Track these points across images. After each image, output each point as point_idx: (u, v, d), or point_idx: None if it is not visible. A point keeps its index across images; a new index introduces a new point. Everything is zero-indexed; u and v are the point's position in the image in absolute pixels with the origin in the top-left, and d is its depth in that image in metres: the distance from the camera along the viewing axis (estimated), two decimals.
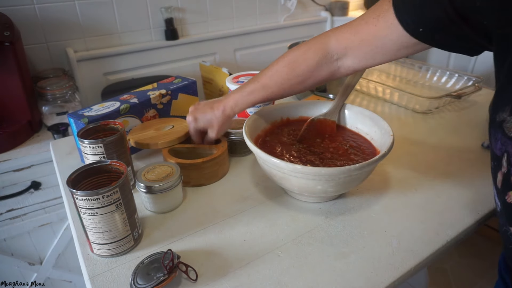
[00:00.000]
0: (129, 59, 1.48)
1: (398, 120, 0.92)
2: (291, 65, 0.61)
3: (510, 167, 0.41)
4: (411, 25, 0.48)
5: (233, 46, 1.75)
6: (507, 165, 0.41)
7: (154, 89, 0.81)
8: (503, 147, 0.41)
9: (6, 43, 1.02)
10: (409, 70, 1.20)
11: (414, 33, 0.49)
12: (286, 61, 0.62)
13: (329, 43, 0.58)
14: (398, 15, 0.49)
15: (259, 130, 0.69)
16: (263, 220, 0.58)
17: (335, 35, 0.58)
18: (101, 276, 0.49)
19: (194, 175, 0.66)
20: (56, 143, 0.84)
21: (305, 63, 0.60)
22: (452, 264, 1.53)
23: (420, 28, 0.48)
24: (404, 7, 0.48)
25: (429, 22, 0.46)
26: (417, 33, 0.48)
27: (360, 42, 0.55)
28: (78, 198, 0.46)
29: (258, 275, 0.48)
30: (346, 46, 0.57)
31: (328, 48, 0.58)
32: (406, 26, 0.49)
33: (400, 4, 0.49)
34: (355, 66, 0.59)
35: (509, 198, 0.42)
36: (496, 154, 0.43)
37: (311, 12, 1.97)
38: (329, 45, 0.58)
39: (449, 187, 0.65)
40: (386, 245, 0.53)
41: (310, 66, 0.60)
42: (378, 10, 0.52)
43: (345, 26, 0.57)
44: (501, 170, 0.42)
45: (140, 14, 1.47)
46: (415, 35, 0.49)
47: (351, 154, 0.63)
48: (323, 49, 0.59)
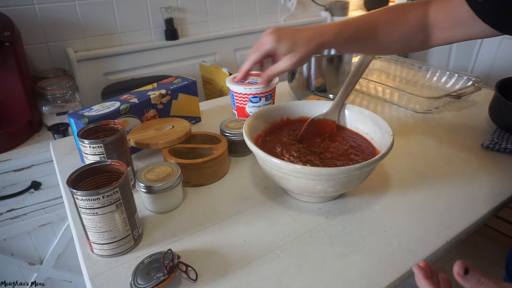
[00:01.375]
0: (129, 59, 1.48)
1: (398, 120, 0.92)
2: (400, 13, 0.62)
3: None
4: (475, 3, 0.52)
5: (233, 46, 1.75)
6: None
7: (154, 89, 0.81)
8: None
9: (6, 43, 1.02)
10: (409, 70, 1.20)
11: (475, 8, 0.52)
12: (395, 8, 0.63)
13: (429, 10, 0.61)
14: None
15: (259, 130, 0.69)
16: (263, 220, 0.58)
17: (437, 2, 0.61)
18: (101, 276, 0.49)
19: (194, 175, 0.66)
20: (56, 143, 0.84)
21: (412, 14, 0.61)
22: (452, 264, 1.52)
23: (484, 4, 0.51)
24: None
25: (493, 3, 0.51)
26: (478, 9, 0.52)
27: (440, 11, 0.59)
28: (78, 198, 0.46)
29: (258, 275, 0.48)
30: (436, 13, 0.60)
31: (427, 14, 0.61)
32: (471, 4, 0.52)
33: None
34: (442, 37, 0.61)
35: None
36: None
37: (311, 12, 1.97)
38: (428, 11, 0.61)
39: (449, 187, 0.65)
40: (386, 245, 0.53)
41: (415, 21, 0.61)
42: None
43: None
44: None
45: (140, 14, 1.47)
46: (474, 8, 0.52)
47: (351, 154, 0.63)
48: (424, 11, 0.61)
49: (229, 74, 1.39)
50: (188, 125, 0.74)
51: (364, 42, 0.60)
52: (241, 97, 0.84)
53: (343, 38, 0.58)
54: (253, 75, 0.89)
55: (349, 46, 0.60)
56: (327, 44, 0.58)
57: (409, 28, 0.61)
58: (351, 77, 0.72)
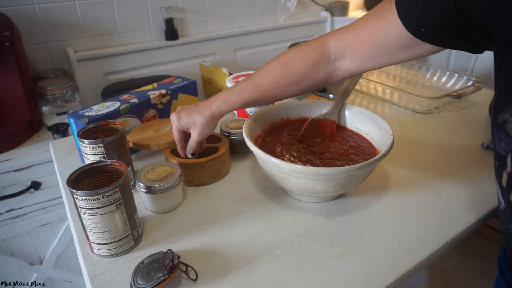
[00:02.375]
0: (129, 59, 1.48)
1: (398, 120, 0.92)
2: (286, 63, 0.59)
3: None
4: (414, 26, 0.48)
5: (233, 46, 1.75)
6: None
7: (154, 89, 0.81)
8: (507, 147, 0.41)
9: (6, 43, 1.02)
10: (409, 70, 1.20)
11: (416, 33, 0.48)
12: (282, 59, 0.60)
13: (328, 42, 0.57)
14: (400, 15, 0.49)
15: (259, 130, 0.69)
16: (263, 220, 0.58)
17: (334, 35, 0.57)
18: (101, 276, 0.49)
19: (197, 175, 0.66)
20: (56, 143, 0.84)
21: (301, 62, 0.58)
22: (452, 264, 1.53)
23: (422, 28, 0.48)
24: (407, 7, 0.48)
25: (432, 22, 0.46)
26: (419, 33, 0.48)
27: (359, 42, 0.54)
28: (78, 198, 0.46)
29: (258, 275, 0.48)
30: (345, 46, 0.56)
31: (326, 48, 0.57)
32: (408, 26, 0.48)
33: (403, 5, 0.49)
34: (352, 68, 0.57)
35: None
36: (500, 154, 0.43)
37: (311, 12, 1.97)
38: (327, 44, 0.57)
39: (449, 187, 0.65)
40: (386, 245, 0.53)
41: (306, 65, 0.58)
42: (378, 10, 0.52)
43: (345, 27, 0.57)
44: (506, 169, 0.42)
45: (140, 14, 1.47)
46: (417, 35, 0.48)
47: (351, 154, 0.63)
48: (321, 48, 0.57)
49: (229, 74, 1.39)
50: None
51: (255, 102, 0.62)
52: None
53: (230, 104, 0.61)
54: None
55: (244, 106, 0.62)
56: (217, 113, 0.61)
57: (298, 78, 0.59)
58: (351, 78, 0.72)
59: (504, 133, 0.41)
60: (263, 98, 0.61)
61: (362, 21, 0.54)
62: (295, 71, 0.59)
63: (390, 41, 0.51)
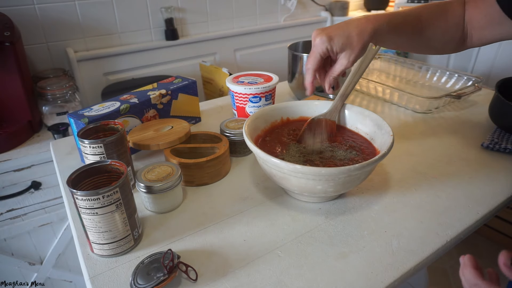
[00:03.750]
0: (129, 59, 1.48)
1: (398, 120, 0.92)
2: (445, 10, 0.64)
3: None
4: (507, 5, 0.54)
5: (233, 46, 1.75)
6: None
7: (154, 89, 0.81)
8: None
9: (6, 43, 1.02)
10: (409, 70, 1.20)
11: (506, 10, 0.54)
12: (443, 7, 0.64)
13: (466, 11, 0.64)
14: None
15: (259, 130, 0.69)
16: (263, 220, 0.58)
17: None
18: (101, 276, 0.49)
19: (198, 174, 0.66)
20: (56, 143, 0.84)
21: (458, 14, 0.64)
22: (452, 264, 1.53)
23: None
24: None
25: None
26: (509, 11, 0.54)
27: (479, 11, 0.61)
28: (78, 198, 0.46)
29: (258, 275, 0.48)
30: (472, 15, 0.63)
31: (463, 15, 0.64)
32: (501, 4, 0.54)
33: None
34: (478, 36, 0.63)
35: None
36: None
37: (311, 12, 1.97)
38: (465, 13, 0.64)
39: (449, 187, 0.65)
40: (386, 245, 0.53)
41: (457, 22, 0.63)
42: None
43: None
44: None
45: (140, 14, 1.47)
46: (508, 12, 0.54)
47: (351, 154, 0.63)
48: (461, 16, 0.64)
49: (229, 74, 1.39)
50: (188, 125, 0.74)
51: (410, 34, 0.60)
52: (241, 97, 0.84)
53: (393, 26, 0.57)
54: (253, 75, 0.89)
55: (396, 37, 0.59)
56: (379, 32, 0.56)
57: (450, 25, 0.63)
58: (351, 77, 0.72)
59: None
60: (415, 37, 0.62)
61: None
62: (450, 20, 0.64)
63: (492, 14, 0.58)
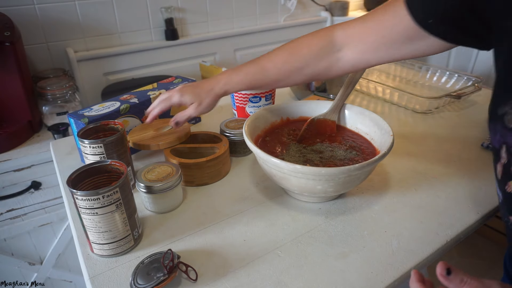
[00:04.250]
0: (129, 59, 1.48)
1: (398, 120, 0.92)
2: (293, 49, 0.60)
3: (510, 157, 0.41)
4: (421, 15, 0.49)
5: (233, 46, 1.75)
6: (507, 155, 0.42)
7: (154, 89, 0.81)
8: (502, 139, 0.42)
9: (6, 43, 1.02)
10: (409, 70, 1.20)
11: (423, 24, 0.49)
12: (289, 45, 0.61)
13: (335, 31, 0.58)
14: (409, 6, 0.49)
15: (259, 130, 0.69)
16: (263, 220, 0.58)
17: (342, 25, 0.58)
18: (101, 276, 0.49)
19: (198, 175, 0.66)
20: (56, 143, 0.84)
21: (307, 48, 0.59)
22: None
23: (429, 19, 0.48)
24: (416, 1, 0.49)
25: (439, 12, 0.47)
26: (426, 24, 0.49)
27: (365, 30, 0.55)
28: (78, 198, 0.46)
29: (258, 275, 0.48)
30: (351, 34, 0.56)
31: (333, 36, 0.58)
32: (415, 17, 0.49)
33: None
34: (354, 59, 0.57)
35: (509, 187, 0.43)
36: (495, 147, 0.44)
37: (311, 12, 1.97)
38: (335, 33, 0.58)
39: (449, 187, 0.65)
40: (386, 245, 0.53)
41: (311, 52, 0.59)
42: (386, 4, 0.53)
43: (355, 19, 0.58)
44: (501, 161, 0.43)
45: (140, 14, 1.47)
46: (424, 25, 0.49)
47: (351, 154, 0.63)
48: (328, 36, 0.58)
49: None
50: (188, 125, 0.74)
51: (258, 86, 0.63)
52: (241, 97, 0.84)
53: (234, 85, 0.63)
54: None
55: (247, 88, 0.63)
56: (221, 93, 0.63)
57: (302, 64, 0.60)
58: (351, 77, 0.72)
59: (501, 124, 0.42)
60: (266, 82, 0.62)
61: (370, 13, 0.55)
62: (300, 57, 0.60)
63: (396, 32, 0.52)
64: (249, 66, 0.62)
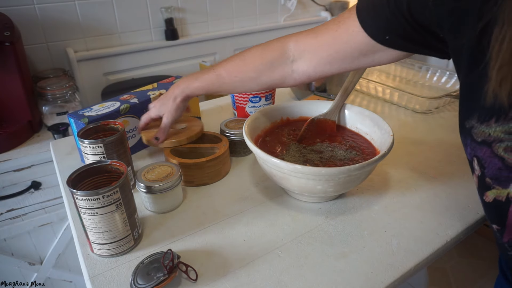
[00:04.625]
0: (129, 59, 1.48)
1: (398, 120, 0.92)
2: (246, 59, 0.61)
3: (482, 169, 0.42)
4: (376, 33, 0.48)
5: (233, 46, 1.75)
6: (479, 167, 0.42)
7: (154, 89, 0.81)
8: (472, 152, 0.42)
9: (6, 43, 1.02)
10: (409, 70, 1.20)
11: (379, 39, 0.49)
12: (243, 55, 0.62)
13: (288, 43, 0.58)
14: (363, 24, 0.49)
15: (259, 130, 0.69)
16: (263, 220, 0.58)
17: (295, 37, 0.57)
18: (101, 276, 0.49)
19: (198, 175, 0.66)
20: (56, 143, 0.84)
21: (260, 59, 0.59)
22: (452, 264, 1.53)
23: (386, 36, 0.48)
24: (368, 16, 0.49)
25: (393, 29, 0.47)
26: (384, 40, 0.49)
27: (318, 46, 0.54)
28: (78, 198, 0.46)
29: (258, 275, 0.48)
30: (304, 49, 0.56)
31: (286, 48, 0.58)
32: (371, 34, 0.49)
33: (364, 13, 0.49)
34: (309, 72, 0.57)
35: (486, 197, 0.43)
36: (468, 159, 0.45)
37: (311, 12, 1.97)
38: (287, 45, 0.58)
39: (449, 187, 0.65)
40: (386, 245, 0.53)
41: (264, 63, 0.59)
42: (339, 17, 0.53)
43: (306, 31, 0.57)
44: (475, 173, 0.44)
45: (140, 14, 1.47)
46: (381, 41, 0.49)
47: (351, 154, 0.63)
48: (281, 48, 0.58)
49: None
50: (200, 124, 0.74)
51: (215, 91, 0.65)
52: (241, 97, 0.84)
53: (193, 90, 0.65)
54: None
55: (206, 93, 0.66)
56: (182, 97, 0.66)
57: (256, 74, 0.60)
58: (351, 77, 0.72)
59: (470, 138, 0.42)
60: (223, 88, 0.64)
61: (323, 27, 0.55)
62: (253, 67, 0.60)
63: (350, 47, 0.51)
64: (206, 73, 0.64)
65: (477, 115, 0.40)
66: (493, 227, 0.47)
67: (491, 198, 0.43)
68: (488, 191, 0.43)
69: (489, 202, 0.43)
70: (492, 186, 0.42)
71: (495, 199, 0.42)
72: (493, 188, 0.42)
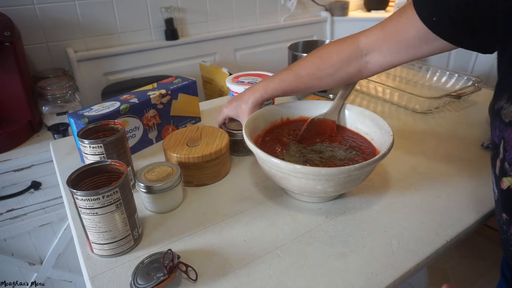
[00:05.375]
0: (129, 59, 1.48)
1: (398, 120, 0.92)
2: (323, 56, 0.65)
3: (505, 153, 0.43)
4: (429, 18, 0.51)
5: (233, 46, 1.75)
6: (503, 151, 0.43)
7: (154, 89, 0.81)
8: (500, 134, 0.43)
9: (6, 43, 1.02)
10: (409, 70, 1.20)
11: (431, 25, 0.51)
12: (320, 52, 0.65)
13: (359, 38, 0.62)
14: (417, 9, 0.52)
15: (259, 130, 0.69)
16: (263, 220, 0.58)
17: (365, 32, 0.62)
18: (101, 276, 0.49)
19: (197, 175, 0.66)
20: (56, 143, 0.84)
21: (337, 54, 0.63)
22: (452, 264, 1.53)
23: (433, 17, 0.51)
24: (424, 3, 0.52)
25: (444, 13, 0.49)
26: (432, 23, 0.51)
27: (385, 37, 0.59)
28: (78, 198, 0.46)
29: (258, 275, 0.48)
30: (374, 40, 0.60)
31: (359, 43, 0.62)
32: (424, 19, 0.52)
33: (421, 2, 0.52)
34: (381, 62, 0.61)
35: (502, 184, 0.44)
36: (495, 142, 0.46)
37: (311, 12, 1.97)
38: (359, 39, 0.62)
39: (449, 187, 0.65)
40: (386, 245, 0.53)
41: (341, 58, 0.63)
42: (401, 8, 0.56)
43: (374, 26, 0.62)
44: (499, 157, 0.45)
45: (140, 14, 1.47)
46: (431, 25, 0.51)
47: (351, 154, 0.63)
48: (354, 43, 0.62)
49: (229, 74, 1.39)
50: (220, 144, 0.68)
51: (293, 91, 0.68)
52: None
53: (272, 92, 0.68)
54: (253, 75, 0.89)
55: (283, 94, 0.69)
56: (259, 101, 0.69)
57: (333, 70, 0.64)
58: None
59: (499, 120, 0.43)
60: (301, 88, 0.67)
61: (388, 19, 0.59)
62: (331, 64, 0.64)
63: (411, 35, 0.55)
64: (284, 74, 0.67)
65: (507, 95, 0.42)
66: (502, 217, 0.47)
67: (506, 185, 0.44)
68: (505, 177, 0.44)
69: (504, 190, 0.44)
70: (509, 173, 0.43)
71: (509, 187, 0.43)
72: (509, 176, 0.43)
